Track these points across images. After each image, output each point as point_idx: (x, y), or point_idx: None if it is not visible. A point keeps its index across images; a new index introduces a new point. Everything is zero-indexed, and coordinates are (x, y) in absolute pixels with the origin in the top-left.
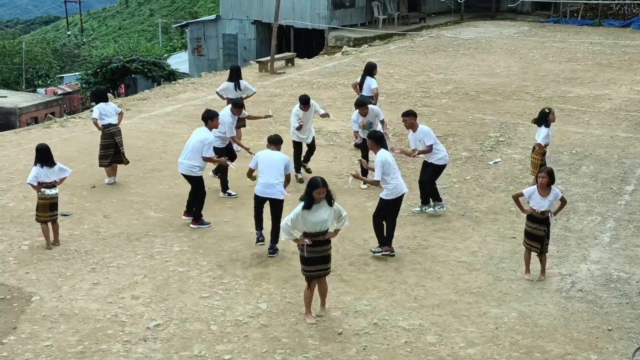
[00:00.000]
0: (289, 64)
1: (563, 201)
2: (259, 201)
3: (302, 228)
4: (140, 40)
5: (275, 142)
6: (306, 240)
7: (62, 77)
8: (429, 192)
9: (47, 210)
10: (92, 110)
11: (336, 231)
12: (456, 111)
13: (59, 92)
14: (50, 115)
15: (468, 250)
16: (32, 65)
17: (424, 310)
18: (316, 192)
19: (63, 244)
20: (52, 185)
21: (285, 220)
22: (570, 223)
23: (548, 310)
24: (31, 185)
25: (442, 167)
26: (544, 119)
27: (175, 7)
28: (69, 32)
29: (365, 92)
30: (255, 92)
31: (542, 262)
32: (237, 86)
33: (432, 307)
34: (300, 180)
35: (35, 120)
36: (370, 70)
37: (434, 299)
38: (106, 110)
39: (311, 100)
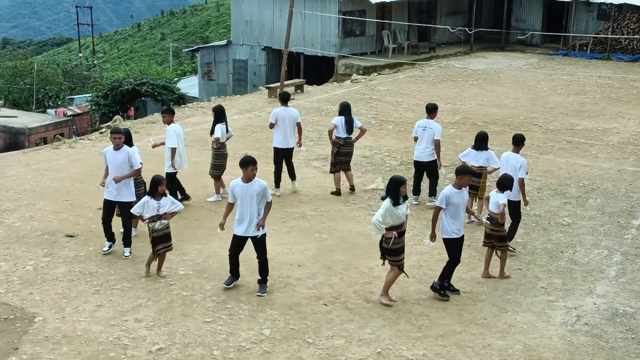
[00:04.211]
0: (299, 91)
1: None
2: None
3: (389, 222)
4: (151, 63)
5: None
6: (394, 233)
7: (72, 98)
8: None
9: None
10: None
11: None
12: (464, 141)
13: (69, 113)
14: (59, 136)
15: (473, 280)
16: (43, 86)
17: (428, 340)
18: (403, 187)
19: (67, 264)
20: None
21: (375, 217)
22: (577, 256)
23: (553, 344)
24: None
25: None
26: (486, 142)
27: (186, 32)
28: (80, 54)
29: (349, 132)
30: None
31: (503, 260)
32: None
33: (436, 337)
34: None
35: (45, 141)
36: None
37: (439, 329)
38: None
39: None
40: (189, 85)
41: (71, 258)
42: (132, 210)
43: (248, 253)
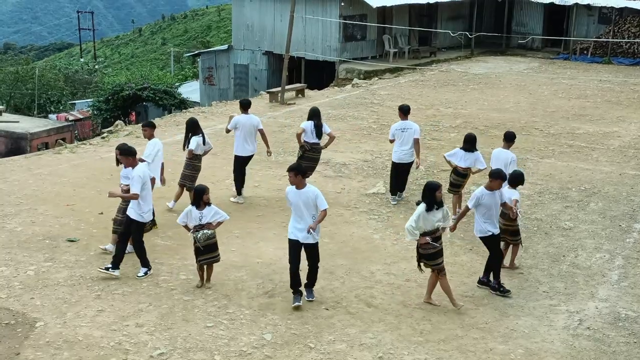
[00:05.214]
0: (300, 95)
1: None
2: None
3: (423, 228)
4: (152, 68)
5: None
6: (427, 238)
7: (74, 103)
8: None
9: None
10: (106, 132)
11: (444, 228)
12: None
13: (70, 118)
14: (61, 141)
15: (475, 284)
16: (45, 91)
17: (429, 344)
18: (438, 193)
19: (69, 269)
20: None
21: (409, 223)
22: (579, 260)
23: (555, 348)
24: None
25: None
26: (474, 143)
27: (187, 37)
28: (82, 59)
29: (318, 137)
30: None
31: (514, 252)
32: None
33: (438, 341)
34: None
35: (46, 146)
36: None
37: (440, 333)
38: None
39: None
40: (190, 90)
41: (72, 263)
42: (177, 221)
43: (248, 256)
